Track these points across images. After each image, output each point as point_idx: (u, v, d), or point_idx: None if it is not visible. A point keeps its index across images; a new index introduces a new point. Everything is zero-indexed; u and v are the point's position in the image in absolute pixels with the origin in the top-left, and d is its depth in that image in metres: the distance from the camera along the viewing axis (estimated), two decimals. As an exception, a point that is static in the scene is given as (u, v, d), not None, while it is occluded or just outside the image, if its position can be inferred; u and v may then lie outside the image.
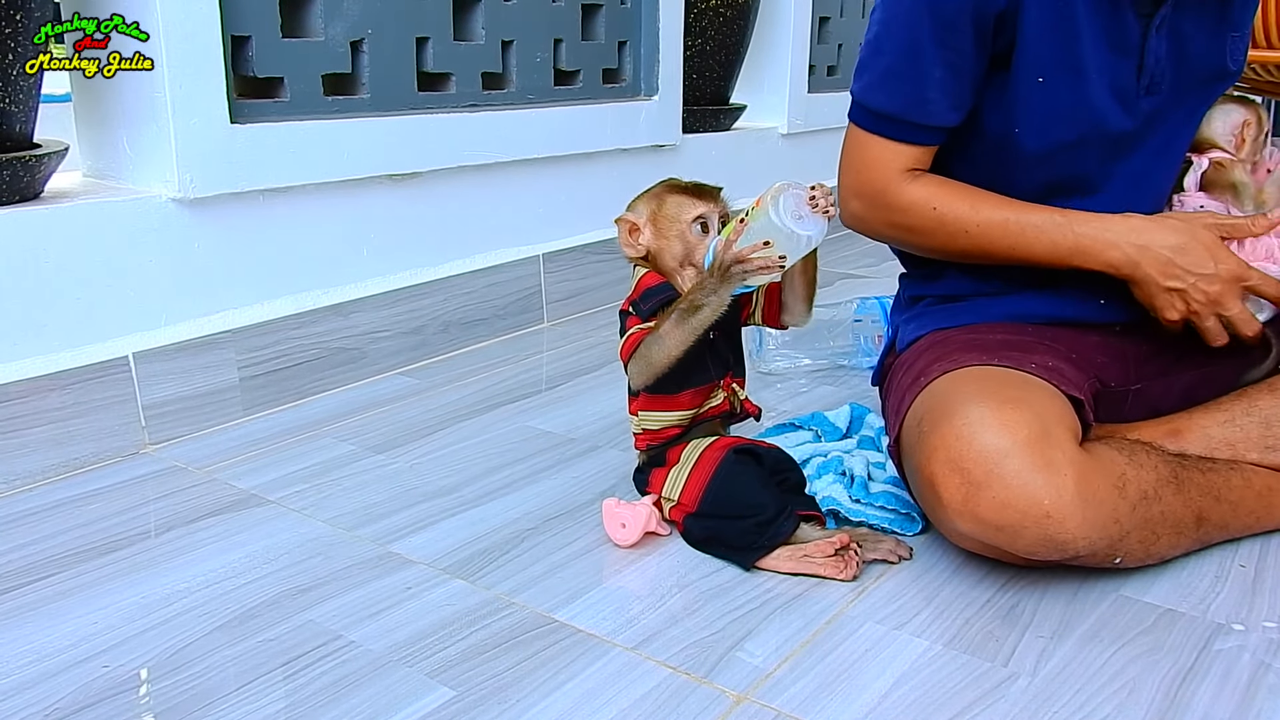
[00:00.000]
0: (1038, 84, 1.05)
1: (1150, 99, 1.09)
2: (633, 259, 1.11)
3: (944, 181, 1.11)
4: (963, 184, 1.10)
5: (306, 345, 1.54)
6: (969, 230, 1.08)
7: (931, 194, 1.09)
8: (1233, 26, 1.10)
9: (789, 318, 1.12)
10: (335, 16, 1.54)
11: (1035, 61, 1.05)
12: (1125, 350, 1.18)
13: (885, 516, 1.12)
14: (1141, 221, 1.06)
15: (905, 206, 1.10)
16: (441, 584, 1.03)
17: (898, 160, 1.10)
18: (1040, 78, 1.05)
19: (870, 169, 1.11)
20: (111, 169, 1.44)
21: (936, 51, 1.04)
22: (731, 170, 2.40)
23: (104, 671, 0.88)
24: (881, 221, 1.13)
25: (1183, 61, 1.09)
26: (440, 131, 1.69)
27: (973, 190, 1.10)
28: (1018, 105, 1.07)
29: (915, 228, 1.11)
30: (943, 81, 1.05)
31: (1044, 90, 1.06)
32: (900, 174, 1.10)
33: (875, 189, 1.11)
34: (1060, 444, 0.93)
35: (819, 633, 0.94)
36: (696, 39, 2.26)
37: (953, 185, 1.10)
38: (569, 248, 1.97)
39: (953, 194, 1.09)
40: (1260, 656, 0.91)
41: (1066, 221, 1.06)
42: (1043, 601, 0.99)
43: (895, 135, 1.09)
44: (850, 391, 1.57)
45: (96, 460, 1.30)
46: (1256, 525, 1.10)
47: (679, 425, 1.10)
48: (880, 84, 1.08)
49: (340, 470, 1.29)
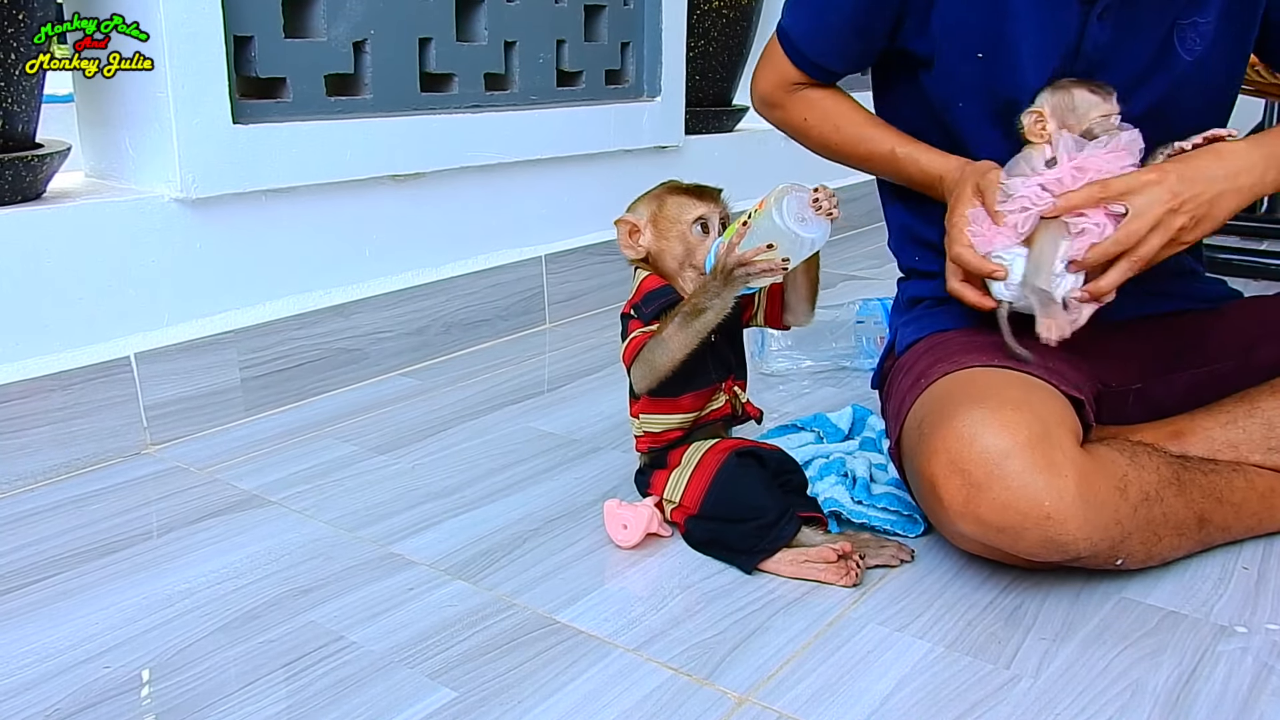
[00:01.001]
0: (977, 59, 1.09)
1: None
2: (633, 261, 1.11)
3: (824, 97, 1.22)
4: (840, 103, 1.22)
5: (308, 346, 1.54)
6: (830, 146, 1.23)
7: (806, 109, 1.23)
8: (1181, 14, 1.07)
9: (792, 318, 1.11)
10: (338, 17, 1.54)
11: (967, 39, 1.09)
12: (1125, 350, 1.17)
13: (887, 518, 1.12)
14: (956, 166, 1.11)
15: (783, 115, 1.25)
16: (443, 585, 1.02)
17: (789, 74, 1.22)
18: (980, 54, 1.09)
19: (765, 71, 1.24)
20: (114, 169, 1.44)
21: (845, 3, 1.12)
22: (734, 171, 2.40)
23: (105, 672, 0.88)
24: (768, 117, 1.28)
25: (1126, 49, 1.08)
26: (443, 132, 1.69)
27: (843, 112, 1.21)
28: (955, 80, 1.11)
29: (792, 131, 1.26)
30: (839, 32, 1.16)
31: (982, 66, 1.09)
32: (787, 85, 1.22)
33: (764, 90, 1.25)
34: (1061, 445, 0.93)
35: (821, 634, 0.94)
36: (699, 40, 2.26)
37: (827, 103, 1.21)
38: (571, 249, 1.97)
39: (824, 113, 1.21)
40: (1263, 659, 0.91)
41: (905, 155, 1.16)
42: (1045, 603, 0.99)
43: (789, 55, 1.20)
44: (852, 393, 1.57)
45: (98, 460, 1.30)
46: (1259, 527, 1.09)
47: (680, 428, 1.10)
48: (798, 5, 1.19)
49: (342, 471, 1.29)
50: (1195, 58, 1.09)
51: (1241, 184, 1.01)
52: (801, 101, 1.23)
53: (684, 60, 2.16)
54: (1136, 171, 1.00)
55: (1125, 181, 0.98)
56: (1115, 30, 1.07)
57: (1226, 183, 1.01)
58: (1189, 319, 1.20)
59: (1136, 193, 0.98)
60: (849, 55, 1.19)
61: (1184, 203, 0.98)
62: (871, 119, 1.21)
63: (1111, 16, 1.06)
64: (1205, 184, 0.99)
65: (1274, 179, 1.03)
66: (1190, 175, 0.99)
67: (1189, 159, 1.02)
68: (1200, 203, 0.99)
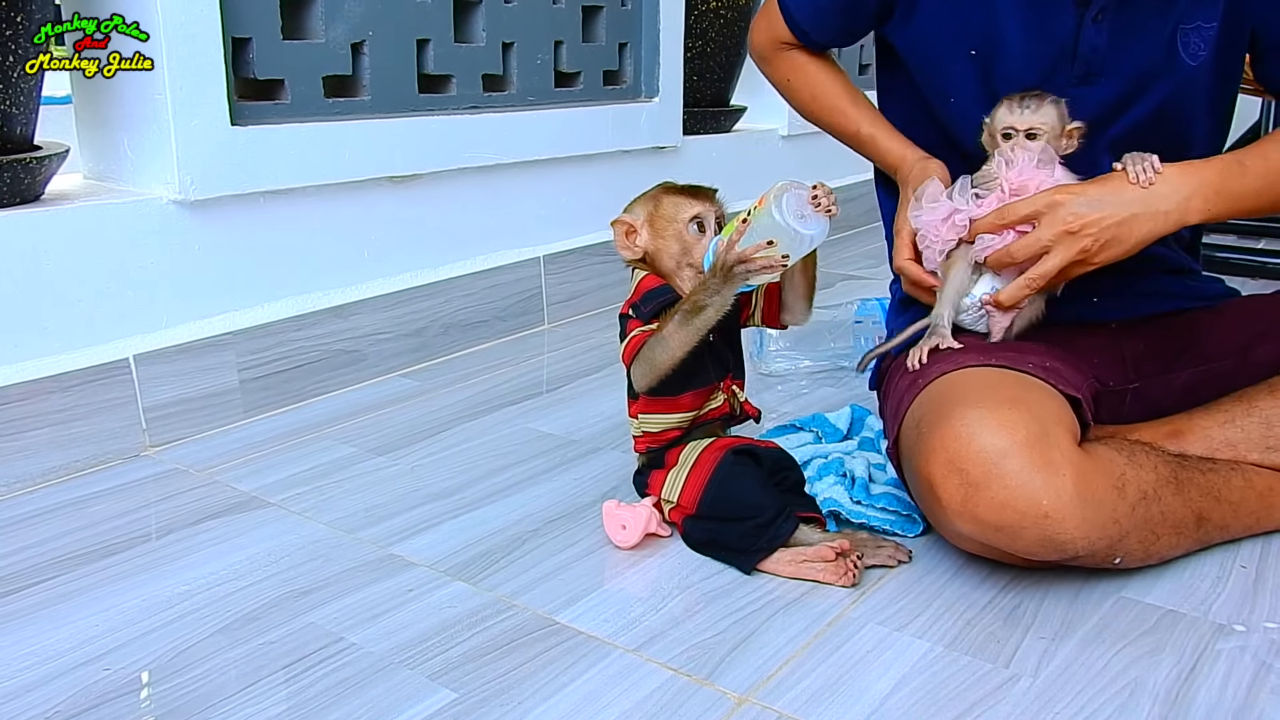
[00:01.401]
0: (970, 57, 1.10)
1: (1089, 89, 1.08)
2: (630, 261, 1.11)
3: (809, 62, 1.26)
4: (823, 71, 1.25)
5: (307, 347, 1.54)
6: (809, 111, 1.28)
7: (791, 70, 1.27)
8: (1184, 18, 1.07)
9: (789, 316, 1.12)
10: (336, 18, 1.54)
11: (959, 36, 1.10)
12: (1122, 349, 1.18)
13: (886, 518, 1.12)
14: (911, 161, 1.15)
15: (770, 70, 1.30)
16: (443, 586, 1.03)
17: (780, 33, 1.25)
18: (973, 50, 1.10)
19: (761, 24, 1.28)
20: (112, 171, 1.44)
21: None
22: (732, 172, 2.40)
23: (105, 674, 0.88)
24: (760, 68, 1.33)
25: (1126, 52, 1.08)
26: (441, 133, 1.70)
27: (823, 81, 1.25)
28: (949, 76, 1.12)
29: (777, 87, 1.31)
30: (829, 4, 1.19)
31: (975, 64, 1.10)
32: (777, 43, 1.27)
33: (758, 43, 1.30)
34: (1059, 444, 0.93)
35: (820, 634, 0.94)
36: (697, 40, 2.26)
37: (811, 69, 1.25)
38: (570, 249, 1.97)
39: (806, 78, 1.26)
40: (1262, 657, 0.91)
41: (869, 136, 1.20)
42: (1044, 603, 0.99)
43: (783, 14, 1.23)
44: (851, 393, 1.57)
45: (97, 462, 1.30)
46: (1257, 526, 1.10)
47: (679, 427, 1.10)
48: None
49: (341, 472, 1.29)
50: (1199, 62, 1.09)
51: (1159, 209, 1.00)
52: (789, 62, 1.27)
53: (681, 61, 2.16)
54: (1044, 192, 1.01)
55: (1027, 204, 1.01)
56: (1113, 33, 1.07)
57: (1142, 207, 1.00)
58: (1186, 318, 1.20)
59: (1036, 217, 1.01)
60: (833, 28, 1.22)
61: (1085, 225, 0.99)
62: (850, 93, 1.24)
63: (1108, 19, 1.06)
64: (1115, 207, 1.00)
65: (1200, 208, 1.01)
66: (1101, 198, 1.00)
67: (1109, 181, 1.02)
68: (1105, 226, 0.99)
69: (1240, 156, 1.05)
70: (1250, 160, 1.04)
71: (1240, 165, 1.04)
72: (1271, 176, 1.05)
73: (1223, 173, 1.03)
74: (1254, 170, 1.04)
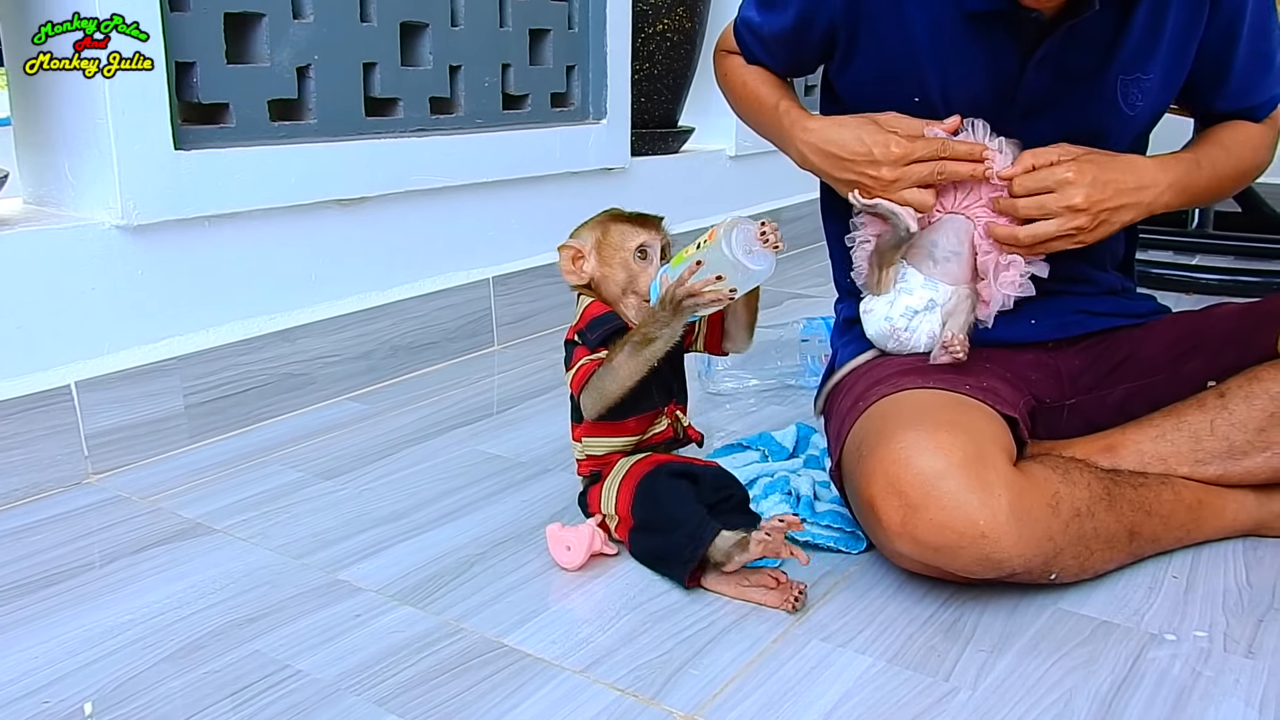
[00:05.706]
0: (914, 104, 1.12)
1: (1032, 123, 1.11)
2: (575, 286, 1.12)
3: (754, 72, 1.27)
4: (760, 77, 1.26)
5: (254, 371, 1.53)
6: (737, 99, 1.30)
7: (731, 67, 1.29)
8: (1124, 70, 1.10)
9: (731, 345, 1.14)
10: (281, 43, 1.54)
11: (901, 85, 1.13)
12: (1058, 367, 1.21)
13: (830, 535, 1.14)
14: (823, 123, 1.15)
15: (718, 63, 1.33)
16: (390, 610, 1.03)
17: (733, 46, 1.29)
18: (916, 99, 1.12)
19: (725, 36, 1.31)
20: (53, 195, 1.43)
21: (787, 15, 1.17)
22: (681, 192, 2.42)
23: (45, 707, 0.87)
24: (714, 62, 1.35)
25: (1069, 97, 1.11)
26: (388, 156, 1.70)
27: (756, 73, 1.26)
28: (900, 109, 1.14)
29: (718, 80, 1.34)
30: (775, 38, 1.21)
31: (921, 109, 1.12)
32: (731, 49, 1.30)
33: (719, 48, 1.33)
34: (995, 465, 0.95)
35: (765, 652, 0.95)
36: (644, 63, 2.29)
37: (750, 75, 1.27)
38: (519, 271, 1.98)
39: (743, 72, 1.27)
40: (1192, 665, 0.94)
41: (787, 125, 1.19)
42: (983, 616, 1.01)
43: (739, 33, 1.27)
44: (797, 411, 1.59)
45: (38, 491, 1.29)
46: (1187, 538, 1.13)
47: (623, 450, 1.11)
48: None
49: (288, 497, 1.29)
50: (1136, 113, 1.14)
51: (1143, 199, 1.08)
52: (733, 66, 1.30)
53: (629, 83, 2.18)
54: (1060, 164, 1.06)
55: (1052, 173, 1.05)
56: (1055, 79, 1.10)
57: (1131, 196, 1.07)
58: (1120, 335, 1.24)
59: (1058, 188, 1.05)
60: (781, 60, 1.25)
61: (1094, 203, 1.05)
62: (777, 82, 1.26)
63: (1050, 66, 1.09)
64: (1114, 192, 1.06)
65: (1166, 200, 1.10)
66: (1105, 180, 1.06)
67: (1102, 163, 1.07)
68: (1106, 208, 1.06)
69: (1198, 156, 1.15)
70: (1204, 160, 1.14)
71: (1198, 165, 1.13)
72: (1219, 174, 1.16)
73: (1188, 170, 1.12)
74: (1206, 170, 1.14)
